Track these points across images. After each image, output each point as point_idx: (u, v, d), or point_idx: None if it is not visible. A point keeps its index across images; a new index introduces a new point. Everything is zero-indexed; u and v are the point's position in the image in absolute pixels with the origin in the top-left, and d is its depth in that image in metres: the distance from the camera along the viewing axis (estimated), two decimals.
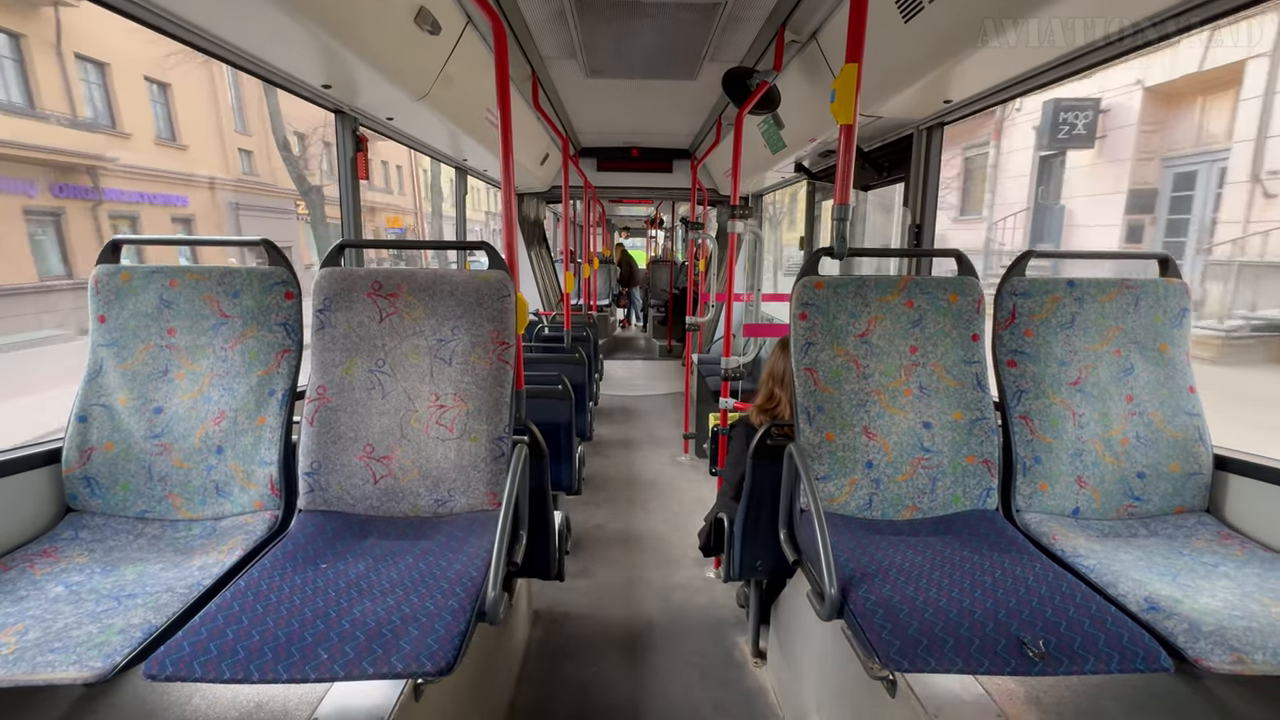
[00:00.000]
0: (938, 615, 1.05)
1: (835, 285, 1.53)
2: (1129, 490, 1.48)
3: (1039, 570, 1.17)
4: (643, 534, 3.11)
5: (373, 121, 2.38)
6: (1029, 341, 1.54)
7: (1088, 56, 1.52)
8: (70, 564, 1.21)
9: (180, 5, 1.37)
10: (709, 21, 2.32)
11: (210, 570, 1.20)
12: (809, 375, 1.51)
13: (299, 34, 1.50)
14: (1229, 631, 1.00)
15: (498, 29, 1.60)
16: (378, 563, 1.19)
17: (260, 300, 1.50)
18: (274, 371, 1.49)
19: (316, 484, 1.42)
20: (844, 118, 1.48)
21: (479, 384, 1.47)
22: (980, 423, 1.49)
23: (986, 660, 0.98)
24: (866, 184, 2.88)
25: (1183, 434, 1.49)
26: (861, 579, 1.16)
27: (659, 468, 4.08)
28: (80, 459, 1.40)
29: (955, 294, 1.52)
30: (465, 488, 1.45)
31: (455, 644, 0.97)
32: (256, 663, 0.93)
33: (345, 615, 1.01)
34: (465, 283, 1.50)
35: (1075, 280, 1.56)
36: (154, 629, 1.02)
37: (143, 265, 1.49)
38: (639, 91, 3.46)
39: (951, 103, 2.03)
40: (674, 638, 2.25)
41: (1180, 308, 1.53)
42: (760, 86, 2.45)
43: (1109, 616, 1.03)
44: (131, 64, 10.88)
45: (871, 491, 1.48)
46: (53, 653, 0.94)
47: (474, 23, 2.23)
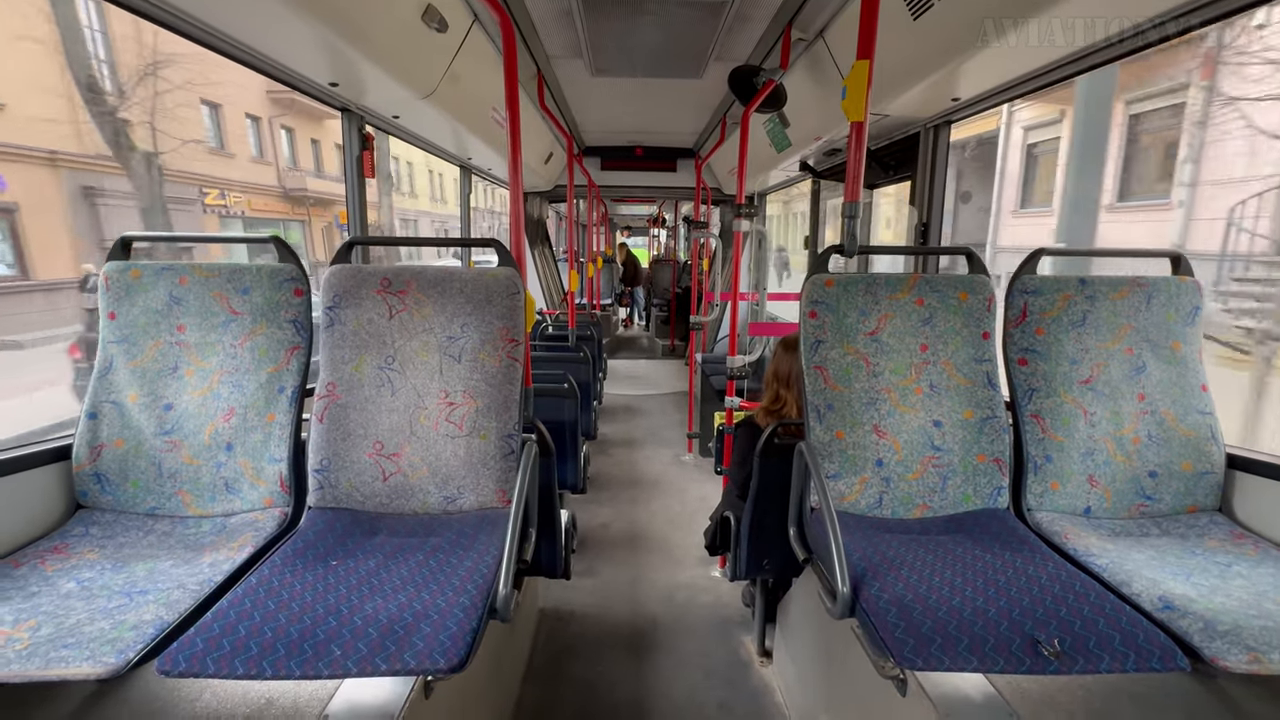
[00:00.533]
0: (951, 613, 1.04)
1: (845, 283, 1.53)
2: (1141, 489, 1.48)
3: (1052, 569, 1.16)
4: (647, 533, 3.11)
5: (379, 120, 2.38)
6: (1040, 339, 1.53)
7: (1103, 52, 1.51)
8: (81, 560, 1.21)
9: (189, 1, 1.37)
10: (715, 20, 2.32)
11: (221, 567, 1.20)
12: (819, 373, 1.51)
13: (306, 31, 1.50)
14: (1245, 631, 0.99)
15: (506, 27, 1.60)
16: (388, 560, 1.19)
17: (270, 297, 1.50)
18: (284, 368, 1.49)
19: (326, 481, 1.42)
20: (855, 115, 1.48)
21: (488, 381, 1.47)
22: (991, 421, 1.48)
23: (1001, 659, 0.98)
24: (873, 182, 2.88)
25: (1195, 433, 1.48)
26: (873, 577, 1.16)
27: (663, 467, 4.08)
28: (90, 455, 1.40)
29: (966, 292, 1.52)
30: (475, 485, 1.45)
31: (468, 641, 0.97)
32: (270, 659, 0.93)
33: (357, 612, 1.01)
34: (475, 280, 1.50)
35: (1087, 278, 1.55)
36: (166, 625, 1.02)
37: (153, 262, 1.49)
38: (644, 90, 3.45)
39: (959, 100, 2.02)
40: (679, 637, 2.25)
41: (1192, 305, 1.53)
42: (766, 85, 2.44)
43: (1124, 615, 1.02)
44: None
45: (882, 490, 1.48)
46: (66, 648, 0.94)
47: (480, 21, 2.23)
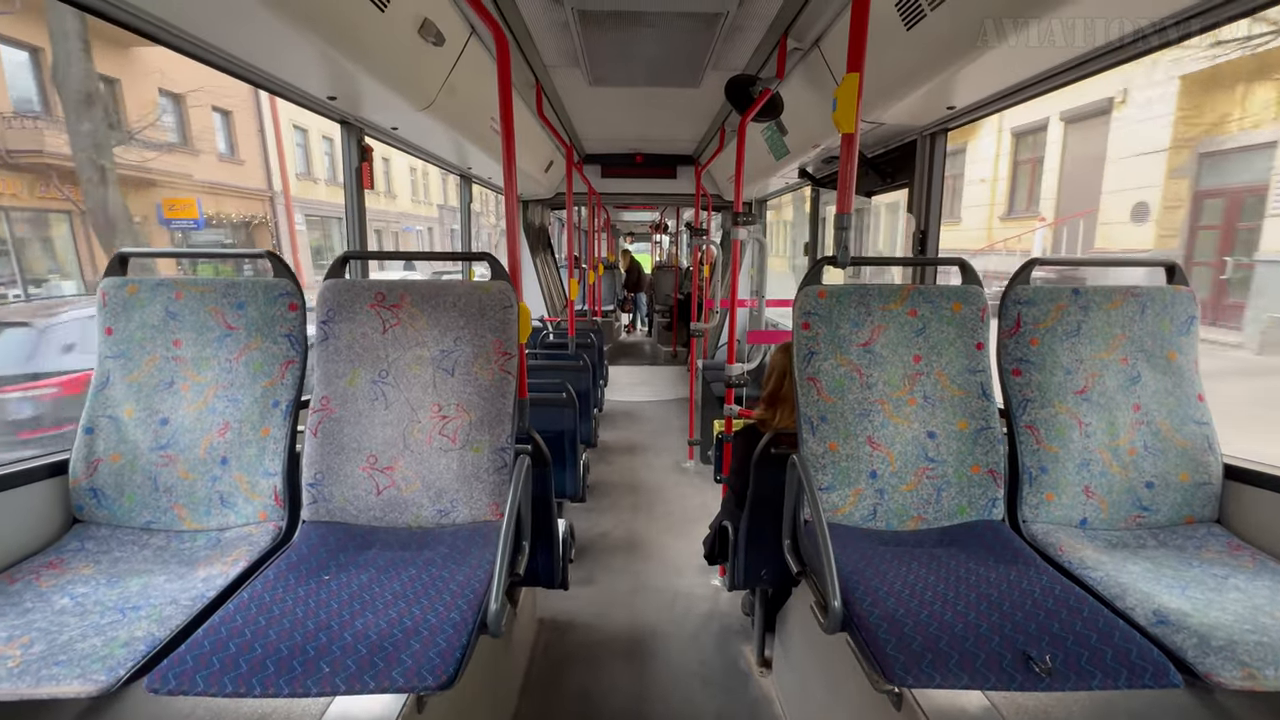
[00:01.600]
0: (943, 629, 1.04)
1: (838, 294, 1.53)
2: (1137, 500, 1.47)
3: (1045, 583, 1.16)
4: (647, 541, 3.10)
5: (378, 131, 2.40)
6: (1034, 350, 1.53)
7: (1095, 62, 1.51)
8: (76, 575, 1.22)
9: (188, 20, 1.38)
10: (711, 30, 2.33)
11: (214, 582, 1.20)
12: (812, 385, 1.50)
13: (304, 47, 1.51)
14: (1240, 646, 0.98)
15: (499, 39, 1.61)
16: (380, 574, 1.19)
17: (264, 312, 1.51)
18: (278, 383, 1.49)
19: (320, 495, 1.43)
20: (846, 126, 1.48)
21: (481, 394, 1.48)
22: (985, 432, 1.48)
23: (992, 675, 0.97)
24: (870, 190, 2.88)
25: (1191, 443, 1.47)
26: (865, 591, 1.15)
27: (663, 474, 4.07)
28: (87, 470, 1.41)
29: (959, 303, 1.51)
30: (468, 498, 1.45)
31: (456, 658, 0.97)
32: (259, 676, 0.93)
33: (348, 628, 1.01)
34: (468, 293, 1.51)
35: (1080, 288, 1.55)
36: (158, 642, 1.02)
37: (149, 278, 1.51)
38: (642, 99, 3.47)
39: (955, 109, 2.02)
40: (678, 646, 2.24)
41: (1188, 315, 1.52)
42: (763, 94, 2.45)
43: (1117, 631, 1.01)
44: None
45: (875, 502, 1.47)
46: (57, 665, 0.94)
47: (477, 33, 2.25)
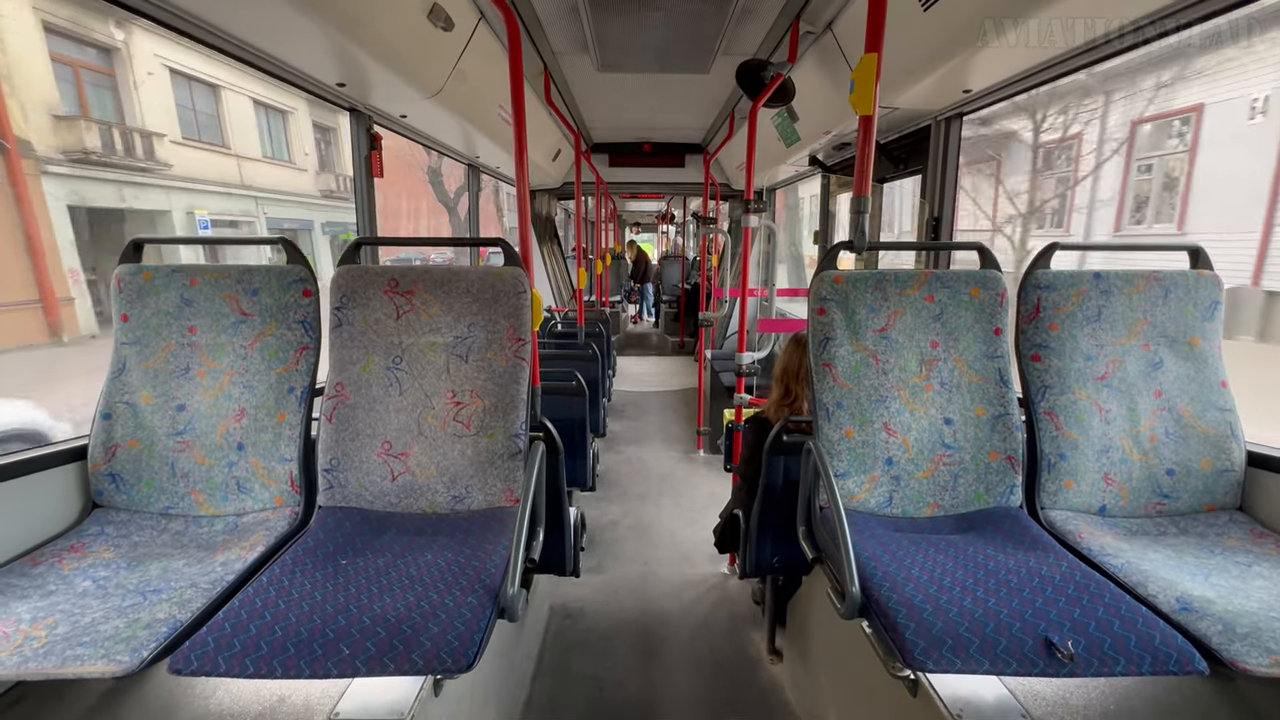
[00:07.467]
0: (962, 614, 1.03)
1: (854, 280, 1.51)
2: (1158, 488, 1.45)
3: (1066, 569, 1.14)
4: (656, 529, 3.11)
5: (386, 119, 2.39)
6: (1054, 335, 1.51)
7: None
8: (97, 559, 1.23)
9: (197, 5, 1.37)
10: (722, 14, 2.29)
11: (233, 566, 1.21)
12: (827, 371, 1.49)
13: (313, 32, 1.50)
14: (1265, 633, 0.97)
15: (511, 24, 1.60)
16: (397, 559, 1.19)
17: (279, 298, 1.51)
18: (293, 369, 1.50)
19: (335, 480, 1.43)
20: (863, 108, 1.45)
21: (495, 381, 1.47)
22: (1003, 418, 1.46)
23: (1014, 661, 0.97)
24: (883, 176, 2.84)
25: (1214, 430, 1.45)
26: (883, 577, 1.14)
27: (672, 463, 4.07)
28: (105, 455, 1.42)
29: (978, 287, 1.49)
30: (482, 484, 1.45)
31: (475, 641, 0.97)
32: (280, 658, 0.94)
33: (366, 611, 1.01)
34: (481, 279, 1.50)
35: (1101, 272, 1.52)
36: (179, 624, 1.03)
37: (164, 265, 1.51)
38: (651, 86, 3.44)
39: (971, 92, 1.99)
40: (688, 634, 2.25)
41: (1211, 300, 1.49)
42: (775, 79, 2.42)
43: (1140, 617, 1.00)
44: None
45: (892, 489, 1.46)
46: (81, 646, 0.95)
47: (486, 18, 2.23)
